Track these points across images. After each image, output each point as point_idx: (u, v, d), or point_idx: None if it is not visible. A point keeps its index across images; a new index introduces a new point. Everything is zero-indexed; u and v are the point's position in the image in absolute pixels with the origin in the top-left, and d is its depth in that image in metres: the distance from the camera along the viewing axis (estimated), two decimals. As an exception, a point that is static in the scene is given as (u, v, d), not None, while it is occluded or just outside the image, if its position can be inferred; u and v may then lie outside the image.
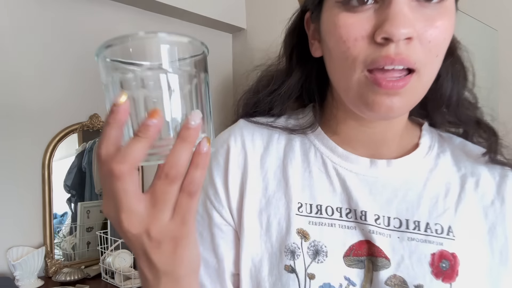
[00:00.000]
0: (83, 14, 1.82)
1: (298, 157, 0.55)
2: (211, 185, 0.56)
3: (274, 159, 0.55)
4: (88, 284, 1.54)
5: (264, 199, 0.53)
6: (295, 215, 0.51)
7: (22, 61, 1.64)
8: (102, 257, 1.60)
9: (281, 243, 0.51)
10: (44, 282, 1.56)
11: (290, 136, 0.57)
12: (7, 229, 1.57)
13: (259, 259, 0.51)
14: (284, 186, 0.53)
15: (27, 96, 1.64)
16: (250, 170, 0.54)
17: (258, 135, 0.57)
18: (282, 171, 0.54)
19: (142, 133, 0.32)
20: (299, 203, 0.52)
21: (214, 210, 0.55)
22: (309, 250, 0.50)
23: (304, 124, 0.56)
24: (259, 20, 2.35)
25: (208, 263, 0.54)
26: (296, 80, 0.57)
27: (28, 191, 1.63)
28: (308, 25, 0.56)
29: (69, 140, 1.76)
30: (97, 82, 1.94)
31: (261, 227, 0.52)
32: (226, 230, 0.55)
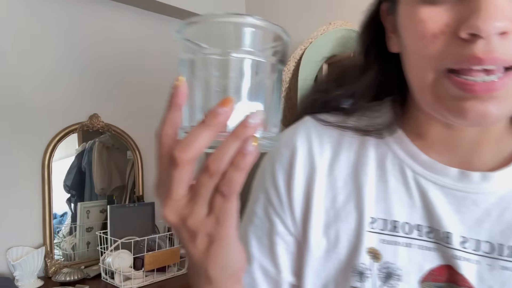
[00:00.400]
0: (83, 14, 1.82)
1: (373, 164, 0.48)
2: (275, 189, 0.51)
3: (344, 166, 0.49)
4: (88, 284, 1.54)
5: (333, 211, 0.48)
6: (366, 232, 0.46)
7: (22, 61, 1.63)
8: (102, 257, 1.59)
9: (349, 261, 0.46)
10: (44, 282, 1.55)
11: (363, 139, 0.50)
12: (7, 229, 1.57)
13: (325, 276, 0.47)
14: (355, 197, 0.47)
15: (27, 96, 1.64)
16: (318, 177, 0.49)
17: (327, 138, 0.51)
18: (353, 180, 0.48)
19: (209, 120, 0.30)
20: (372, 218, 0.46)
21: (276, 216, 0.50)
22: (380, 273, 0.45)
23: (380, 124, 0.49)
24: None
25: (267, 271, 0.51)
26: (373, 78, 0.50)
27: (28, 191, 1.63)
28: (384, 17, 0.48)
29: (69, 140, 1.76)
30: (97, 82, 1.96)
31: (328, 242, 0.47)
32: (288, 241, 0.50)
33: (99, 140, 1.89)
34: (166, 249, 1.66)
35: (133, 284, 1.51)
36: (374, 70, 0.50)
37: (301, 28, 2.11)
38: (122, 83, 1.96)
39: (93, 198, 1.85)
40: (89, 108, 1.83)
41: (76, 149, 1.82)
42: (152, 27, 2.08)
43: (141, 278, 1.56)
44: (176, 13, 2.11)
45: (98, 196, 1.87)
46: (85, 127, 1.80)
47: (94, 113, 1.83)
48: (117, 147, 1.96)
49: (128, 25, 1.99)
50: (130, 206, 1.78)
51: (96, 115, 1.83)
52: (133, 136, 1.97)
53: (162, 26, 2.13)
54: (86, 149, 1.85)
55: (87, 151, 1.85)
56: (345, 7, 1.93)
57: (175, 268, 1.69)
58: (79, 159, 1.83)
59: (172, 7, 2.01)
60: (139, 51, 2.03)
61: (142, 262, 1.57)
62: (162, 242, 1.71)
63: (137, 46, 2.02)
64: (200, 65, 0.32)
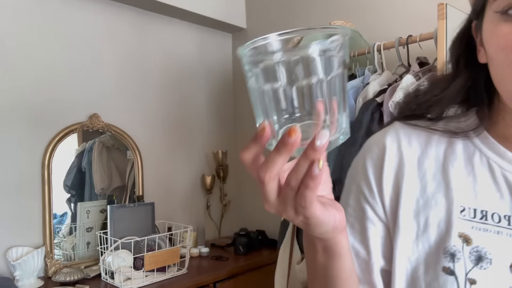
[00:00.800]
0: (83, 14, 1.82)
1: (461, 161, 0.54)
2: (365, 181, 0.57)
3: (433, 161, 0.55)
4: (88, 284, 1.54)
5: (422, 199, 0.53)
6: (457, 219, 0.51)
7: (22, 61, 1.64)
8: (102, 257, 1.59)
9: (439, 244, 0.51)
10: (44, 282, 1.55)
11: (451, 140, 0.55)
12: (7, 229, 1.57)
13: (416, 258, 0.52)
14: (444, 188, 0.53)
15: (27, 96, 1.64)
16: (407, 171, 0.55)
17: (415, 137, 0.57)
18: (442, 174, 0.54)
19: (280, 148, 0.34)
20: (462, 206, 0.51)
21: (367, 204, 0.56)
22: (471, 255, 0.49)
23: (467, 127, 0.54)
24: (259, 20, 2.35)
25: (359, 254, 0.56)
26: (461, 84, 0.56)
27: (28, 191, 1.63)
28: (474, 33, 0.55)
29: (69, 140, 1.76)
30: (97, 82, 1.95)
31: (418, 227, 0.52)
32: (377, 224, 0.56)
33: (99, 140, 1.89)
34: (166, 249, 1.66)
35: (133, 284, 1.51)
36: (463, 78, 0.56)
37: (301, 28, 2.11)
38: (122, 83, 1.96)
39: (93, 198, 1.85)
40: (89, 108, 1.83)
41: (76, 149, 1.82)
42: (152, 27, 2.08)
43: (141, 278, 1.56)
44: (176, 13, 2.11)
45: (98, 196, 1.87)
46: (85, 127, 1.80)
47: (94, 113, 1.83)
48: (117, 147, 1.96)
49: (128, 25, 1.99)
50: (130, 206, 1.78)
51: (96, 115, 1.83)
52: (133, 136, 1.97)
53: (162, 27, 2.13)
54: (86, 149, 1.85)
55: (87, 151, 1.85)
56: (345, 7, 1.93)
57: (175, 268, 1.69)
58: (79, 159, 1.83)
59: (172, 7, 2.02)
60: (140, 51, 2.03)
61: (142, 262, 1.57)
62: (162, 242, 1.71)
63: (138, 46, 2.02)
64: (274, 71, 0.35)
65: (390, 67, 1.50)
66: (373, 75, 1.47)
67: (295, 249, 1.53)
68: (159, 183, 2.09)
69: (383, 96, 1.34)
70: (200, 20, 2.23)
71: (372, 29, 1.75)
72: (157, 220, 1.91)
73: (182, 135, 2.21)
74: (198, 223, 2.19)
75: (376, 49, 1.47)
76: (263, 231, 2.16)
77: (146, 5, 2.00)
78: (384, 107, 1.31)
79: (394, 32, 1.57)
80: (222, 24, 2.31)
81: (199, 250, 1.98)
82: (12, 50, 1.61)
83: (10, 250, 1.54)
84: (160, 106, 2.11)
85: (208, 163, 2.33)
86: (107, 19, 1.90)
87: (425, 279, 0.50)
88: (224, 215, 2.34)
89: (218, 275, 1.71)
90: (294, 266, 1.50)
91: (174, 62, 2.18)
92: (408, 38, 1.40)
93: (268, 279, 1.68)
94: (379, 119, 1.34)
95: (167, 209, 2.11)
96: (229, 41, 2.49)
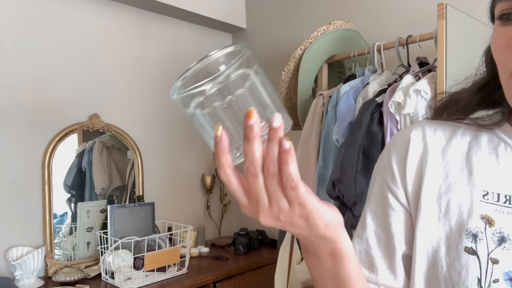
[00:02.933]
0: (83, 14, 1.82)
1: (485, 150, 0.56)
2: (389, 171, 0.60)
3: (457, 151, 0.57)
4: (88, 284, 1.54)
5: (445, 184, 0.55)
6: (479, 201, 0.52)
7: (22, 61, 1.64)
8: (102, 257, 1.60)
9: (461, 226, 0.52)
10: (44, 282, 1.56)
11: (476, 133, 0.58)
12: (7, 229, 1.57)
13: (437, 240, 0.53)
14: (467, 174, 0.55)
15: (27, 96, 1.64)
16: (430, 158, 0.57)
17: (441, 130, 0.60)
18: (465, 162, 0.56)
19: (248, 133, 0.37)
20: (485, 191, 0.53)
21: (389, 192, 0.59)
22: (494, 236, 0.50)
23: (492, 121, 0.57)
24: (259, 20, 2.35)
25: (381, 238, 0.58)
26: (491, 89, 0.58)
27: (28, 191, 1.63)
28: None
29: (69, 140, 1.76)
30: (97, 82, 1.95)
31: (439, 210, 0.54)
32: (398, 211, 0.58)
33: (99, 140, 1.89)
34: (166, 249, 1.66)
35: (133, 284, 1.51)
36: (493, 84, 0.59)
37: (301, 28, 2.11)
38: (122, 83, 1.96)
39: (93, 198, 1.85)
40: (89, 108, 1.83)
41: (76, 149, 1.82)
42: (152, 27, 2.08)
43: (141, 278, 1.56)
44: (176, 13, 2.11)
45: (98, 196, 1.87)
46: (85, 127, 1.80)
47: (94, 113, 1.83)
48: (117, 147, 1.96)
49: (128, 25, 1.99)
50: (130, 206, 1.78)
51: (96, 115, 1.83)
52: (133, 136, 1.97)
53: (162, 27, 2.13)
54: (86, 149, 1.85)
55: (87, 151, 1.85)
56: (345, 7, 1.93)
57: (175, 268, 1.70)
58: (79, 159, 1.83)
59: (172, 7, 2.02)
60: (140, 51, 2.03)
61: (142, 262, 1.57)
62: (162, 242, 1.71)
63: (138, 46, 2.02)
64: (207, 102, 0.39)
65: (390, 67, 1.51)
66: (373, 75, 1.48)
67: (295, 249, 1.53)
68: (159, 183, 2.09)
69: (383, 96, 1.34)
70: (200, 20, 2.23)
71: (372, 29, 1.76)
72: (157, 220, 1.91)
73: (182, 135, 2.21)
74: (198, 223, 2.19)
75: (376, 49, 1.47)
76: (263, 231, 2.16)
77: (146, 5, 2.00)
78: (384, 107, 1.31)
79: (394, 32, 1.57)
80: (222, 24, 2.31)
81: (199, 250, 1.98)
82: (12, 50, 1.61)
83: (10, 250, 1.54)
84: (160, 106, 2.11)
85: (208, 163, 2.33)
86: (107, 19, 1.90)
87: (447, 260, 0.52)
88: (224, 215, 2.34)
89: (218, 275, 1.71)
90: (294, 266, 1.50)
91: (174, 62, 2.18)
92: (408, 38, 1.40)
93: (268, 279, 1.68)
94: (379, 119, 1.34)
95: (167, 209, 2.11)
96: (229, 41, 2.49)
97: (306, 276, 1.47)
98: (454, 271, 0.51)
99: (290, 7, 2.17)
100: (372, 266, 0.58)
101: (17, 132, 1.61)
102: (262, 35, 2.33)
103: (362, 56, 1.57)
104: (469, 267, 0.49)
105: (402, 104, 1.24)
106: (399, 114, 1.27)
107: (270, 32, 2.28)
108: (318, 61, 1.60)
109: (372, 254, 0.58)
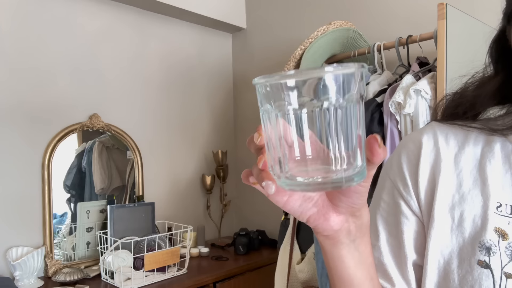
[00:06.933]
0: (83, 14, 1.82)
1: (499, 159, 0.54)
2: (400, 177, 0.58)
3: (470, 159, 0.55)
4: (88, 284, 1.54)
5: (458, 195, 0.54)
6: (493, 213, 0.51)
7: (22, 61, 1.64)
8: (102, 257, 1.59)
9: (474, 238, 0.51)
10: (44, 282, 1.55)
11: (489, 138, 0.56)
12: (7, 229, 1.57)
13: (449, 252, 0.52)
14: (481, 184, 0.53)
15: (27, 96, 1.64)
16: (443, 166, 0.55)
17: (452, 135, 0.58)
18: (478, 171, 0.54)
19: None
20: (498, 202, 0.52)
21: (401, 199, 0.57)
22: (507, 250, 0.49)
23: (505, 125, 0.55)
24: (259, 20, 2.35)
25: (393, 247, 0.57)
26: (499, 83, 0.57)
27: (28, 191, 1.63)
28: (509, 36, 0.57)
29: (69, 140, 1.76)
30: (97, 82, 1.95)
31: (453, 221, 0.53)
32: (411, 219, 0.57)
33: (99, 140, 1.89)
34: (166, 249, 1.66)
35: (133, 284, 1.51)
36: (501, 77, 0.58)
37: (301, 28, 2.11)
38: (122, 83, 1.96)
39: (93, 198, 1.85)
40: (89, 108, 1.83)
41: (76, 149, 1.82)
42: (152, 27, 2.08)
43: (141, 278, 1.56)
44: (176, 13, 2.11)
45: (98, 196, 1.87)
46: (85, 127, 1.80)
47: (94, 113, 1.83)
48: (117, 147, 1.96)
49: (128, 25, 1.99)
50: (130, 206, 1.78)
51: (96, 115, 1.83)
52: (133, 136, 1.97)
53: (162, 26, 2.13)
54: (86, 149, 1.85)
55: (87, 151, 1.85)
56: (345, 7, 1.93)
57: (175, 268, 1.69)
58: (79, 159, 1.83)
59: (172, 7, 2.02)
60: (140, 51, 2.03)
61: (142, 262, 1.57)
62: (162, 242, 1.71)
63: (138, 46, 2.02)
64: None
65: (390, 67, 1.50)
66: (373, 75, 1.47)
67: (295, 249, 1.53)
68: (159, 183, 2.09)
69: (383, 96, 1.34)
70: (200, 20, 2.23)
71: (372, 29, 1.75)
72: (157, 220, 1.91)
73: (182, 135, 2.21)
74: (198, 223, 2.19)
75: (376, 49, 1.47)
76: (263, 231, 2.16)
77: (146, 5, 2.00)
78: (384, 107, 1.31)
79: (394, 32, 1.57)
80: (222, 24, 2.31)
81: (199, 250, 1.98)
82: (11, 50, 1.61)
83: (10, 250, 1.54)
84: (160, 106, 2.11)
85: (208, 163, 2.33)
86: (107, 19, 1.90)
87: (459, 272, 0.51)
88: (224, 215, 2.34)
89: (218, 275, 1.71)
90: (294, 266, 1.50)
91: (174, 62, 2.18)
92: (408, 38, 1.40)
93: (268, 279, 1.68)
94: (379, 119, 1.34)
95: (167, 209, 2.11)
96: (229, 41, 2.49)
97: (306, 276, 1.46)
98: (467, 284, 0.50)
99: (290, 7, 2.17)
100: (386, 275, 0.57)
101: (17, 132, 1.61)
102: (262, 35, 2.33)
103: (362, 56, 1.57)
104: (482, 281, 0.49)
105: (402, 104, 1.24)
106: (399, 114, 1.27)
107: (270, 32, 2.28)
108: (318, 61, 1.60)
109: (385, 262, 0.58)
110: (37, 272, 1.55)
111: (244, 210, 2.44)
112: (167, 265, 1.63)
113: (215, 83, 2.40)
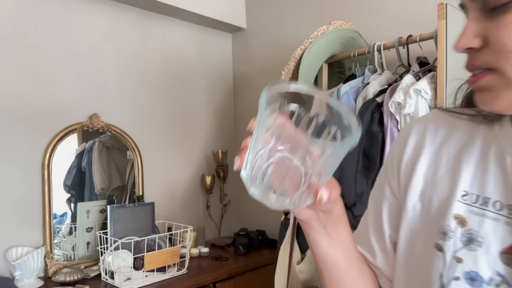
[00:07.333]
0: (83, 14, 1.82)
1: (477, 150, 0.56)
2: (389, 161, 0.64)
3: (452, 149, 0.58)
4: (88, 284, 1.54)
5: (431, 181, 0.57)
6: (456, 201, 0.54)
7: (22, 61, 1.64)
8: (102, 257, 1.59)
9: (435, 223, 0.54)
10: (44, 282, 1.55)
11: (474, 129, 0.58)
12: (7, 229, 1.57)
13: (417, 233, 0.57)
14: (453, 173, 0.56)
15: (27, 96, 1.64)
16: (425, 154, 0.59)
17: (443, 125, 0.61)
18: (455, 159, 0.57)
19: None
20: (465, 191, 0.54)
21: (386, 182, 0.63)
22: (463, 236, 0.51)
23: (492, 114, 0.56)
24: (259, 20, 2.35)
25: (376, 223, 0.64)
26: None
27: (28, 191, 1.63)
28: None
29: (68, 140, 1.76)
30: (97, 82, 1.95)
31: (423, 206, 0.57)
32: (391, 201, 0.62)
33: (99, 140, 1.89)
34: (166, 249, 1.66)
35: (133, 284, 1.51)
36: None
37: (301, 28, 2.11)
38: (122, 83, 1.96)
39: (93, 198, 1.85)
40: (89, 108, 1.83)
41: (76, 149, 1.82)
42: (152, 27, 2.08)
43: (141, 278, 1.56)
44: (176, 13, 2.11)
45: (98, 196, 1.87)
46: (85, 127, 1.80)
47: (94, 113, 1.83)
48: (117, 147, 1.96)
49: (129, 25, 1.99)
50: (130, 206, 1.78)
51: (96, 115, 1.83)
52: (133, 136, 1.97)
53: (162, 26, 2.13)
54: (86, 149, 1.85)
55: (87, 151, 1.85)
56: (345, 7, 1.93)
57: (175, 268, 1.69)
58: (79, 159, 1.83)
59: (172, 7, 2.01)
60: (140, 51, 2.03)
61: (142, 262, 1.57)
62: (162, 242, 1.71)
63: (138, 46, 2.02)
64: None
65: (390, 67, 1.50)
66: (373, 75, 1.47)
67: (295, 249, 1.53)
68: (159, 183, 2.09)
69: (383, 96, 1.34)
70: (200, 20, 2.23)
71: (372, 29, 1.75)
72: (157, 220, 1.91)
73: (182, 135, 2.21)
74: (198, 223, 2.19)
75: (376, 49, 1.47)
76: (263, 231, 2.16)
77: (146, 5, 2.00)
78: (384, 107, 1.31)
79: (394, 32, 1.57)
80: (222, 24, 2.31)
81: (199, 250, 1.98)
82: (11, 50, 1.61)
83: (10, 250, 1.54)
84: (160, 106, 2.11)
85: (208, 163, 2.33)
86: (107, 19, 1.90)
87: (419, 253, 0.56)
88: (224, 215, 2.34)
89: (218, 275, 1.71)
90: (294, 266, 1.50)
91: (174, 62, 2.18)
92: (408, 38, 1.40)
93: (268, 279, 1.68)
94: (379, 119, 1.34)
95: (167, 209, 2.11)
96: (229, 41, 2.49)
97: (306, 276, 1.46)
98: (423, 264, 0.54)
99: (290, 7, 2.17)
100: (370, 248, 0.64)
101: (16, 132, 1.61)
102: (262, 35, 2.33)
103: (362, 56, 1.57)
104: (434, 262, 0.52)
105: (402, 104, 1.24)
106: (399, 114, 1.27)
107: (270, 32, 2.28)
108: (318, 61, 1.60)
109: (370, 238, 0.64)
110: (37, 272, 1.55)
111: (244, 210, 2.44)
112: (167, 265, 1.63)
113: (215, 83, 2.40)
